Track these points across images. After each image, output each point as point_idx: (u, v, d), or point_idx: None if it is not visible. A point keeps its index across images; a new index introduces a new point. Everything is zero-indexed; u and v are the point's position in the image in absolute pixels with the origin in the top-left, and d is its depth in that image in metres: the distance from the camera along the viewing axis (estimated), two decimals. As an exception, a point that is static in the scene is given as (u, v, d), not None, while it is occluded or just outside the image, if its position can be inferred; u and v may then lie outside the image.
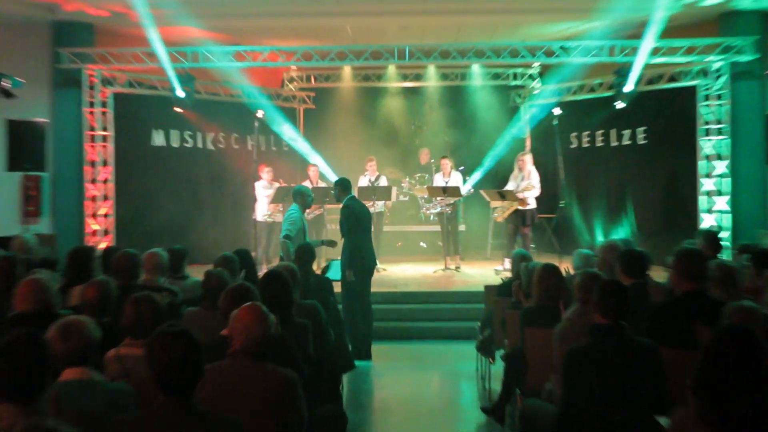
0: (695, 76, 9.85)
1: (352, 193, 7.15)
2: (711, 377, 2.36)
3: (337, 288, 6.34)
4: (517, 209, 9.43)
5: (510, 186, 9.63)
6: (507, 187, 9.62)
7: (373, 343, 7.06)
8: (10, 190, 9.46)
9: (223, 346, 3.01)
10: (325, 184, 10.47)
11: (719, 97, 9.65)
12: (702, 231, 7.54)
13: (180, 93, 9.93)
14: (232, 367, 2.91)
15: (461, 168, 11.14)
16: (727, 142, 9.60)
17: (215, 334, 3.40)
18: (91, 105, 10.02)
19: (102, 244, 9.62)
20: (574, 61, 9.85)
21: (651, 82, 10.22)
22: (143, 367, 2.49)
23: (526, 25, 10.52)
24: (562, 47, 9.78)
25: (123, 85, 10.34)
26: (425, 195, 11.01)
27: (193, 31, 9.62)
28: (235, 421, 2.48)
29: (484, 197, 9.96)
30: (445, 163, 10.28)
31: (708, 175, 9.74)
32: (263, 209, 10.14)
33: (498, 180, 10.68)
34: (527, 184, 9.43)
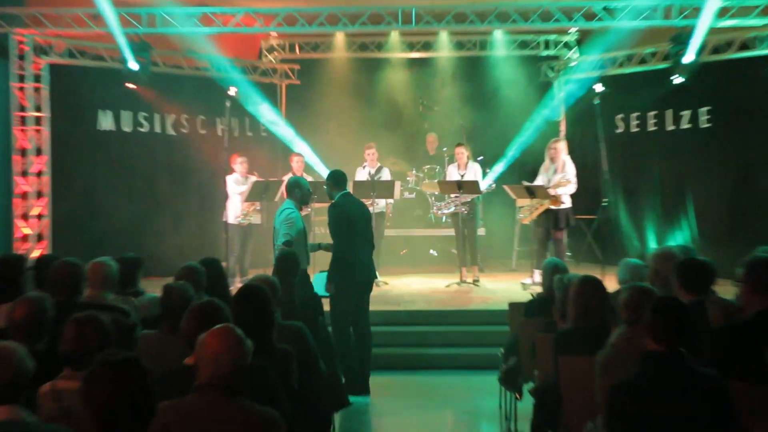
0: (773, 44, 9.87)
1: (347, 188, 7.16)
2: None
3: (327, 306, 6.34)
4: (548, 209, 9.43)
5: (540, 180, 9.64)
6: (536, 182, 9.63)
7: (372, 375, 7.04)
8: None
9: (186, 379, 3.01)
10: (311, 177, 10.47)
11: (802, 69, 9.68)
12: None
13: (133, 65, 9.94)
14: (197, 404, 2.90)
15: (480, 158, 11.14)
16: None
17: (176, 363, 3.40)
18: (21, 79, 10.01)
19: (35, 252, 9.62)
20: (620, 25, 9.85)
21: (717, 50, 10.21)
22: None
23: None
24: (605, 8, 9.78)
25: (61, 54, 10.34)
26: (436, 191, 11.02)
27: (150, -13, 9.67)
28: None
29: (508, 194, 9.97)
30: (460, 152, 10.29)
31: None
32: (236, 209, 10.14)
33: (525, 173, 10.68)
34: (561, 178, 9.43)
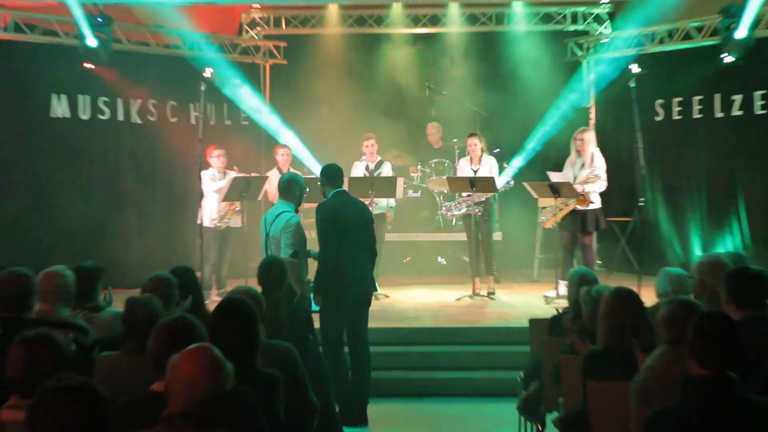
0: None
1: (342, 186, 7.16)
2: None
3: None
4: (575, 210, 9.44)
5: (565, 177, 9.63)
6: (561, 178, 9.62)
7: (370, 402, 7.04)
8: None
9: (153, 407, 3.01)
10: (299, 172, 10.47)
11: None
12: None
13: (91, 42, 9.93)
14: (166, 437, 2.89)
15: (496, 151, 11.14)
16: None
17: (142, 389, 3.40)
18: (-41, 58, 10.05)
19: (-22, 260, 9.62)
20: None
21: (774, 25, 10.25)
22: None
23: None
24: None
25: (5, 29, 10.33)
26: (445, 189, 11.02)
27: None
28: None
29: (528, 193, 9.96)
30: (473, 143, 10.28)
31: None
32: (212, 210, 10.13)
33: (549, 168, 10.67)
34: (589, 174, 9.43)
